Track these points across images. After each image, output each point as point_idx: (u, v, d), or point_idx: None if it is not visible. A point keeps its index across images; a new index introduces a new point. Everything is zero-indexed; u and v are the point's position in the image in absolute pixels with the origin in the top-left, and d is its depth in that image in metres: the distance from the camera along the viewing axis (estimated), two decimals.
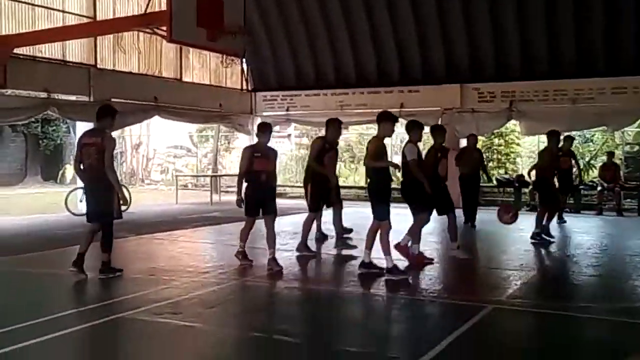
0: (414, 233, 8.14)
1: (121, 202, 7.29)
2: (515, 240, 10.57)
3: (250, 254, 8.24)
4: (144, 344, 5.19)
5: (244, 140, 20.13)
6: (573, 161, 13.60)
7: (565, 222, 12.77)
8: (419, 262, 8.03)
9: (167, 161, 26.80)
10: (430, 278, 7.65)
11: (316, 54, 18.54)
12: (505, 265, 8.50)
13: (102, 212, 7.16)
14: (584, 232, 11.92)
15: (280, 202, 8.39)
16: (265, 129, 7.97)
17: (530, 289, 7.18)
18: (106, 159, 7.05)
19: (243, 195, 7.89)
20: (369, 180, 7.44)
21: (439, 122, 16.90)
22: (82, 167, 7.31)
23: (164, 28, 9.45)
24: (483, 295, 6.66)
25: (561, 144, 11.61)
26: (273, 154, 8.02)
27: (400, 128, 9.68)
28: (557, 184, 11.54)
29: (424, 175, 7.76)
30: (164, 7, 12.58)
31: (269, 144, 7.96)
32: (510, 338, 5.42)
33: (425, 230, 8.62)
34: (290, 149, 24.98)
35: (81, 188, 14.28)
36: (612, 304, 6.41)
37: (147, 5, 10.68)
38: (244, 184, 7.88)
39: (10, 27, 12.96)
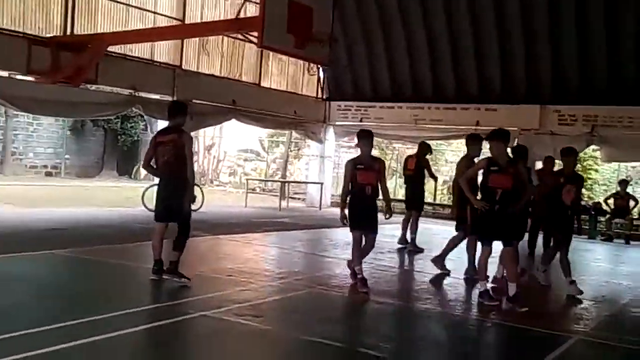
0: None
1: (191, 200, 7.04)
2: (594, 270, 10.26)
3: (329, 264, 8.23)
4: (227, 345, 5.27)
5: (314, 148, 20.27)
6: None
7: None
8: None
9: (236, 164, 27.23)
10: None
11: (393, 66, 18.50)
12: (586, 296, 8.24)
13: (179, 211, 6.86)
14: None
15: None
16: (365, 137, 7.34)
17: (614, 321, 6.94)
18: (187, 156, 6.86)
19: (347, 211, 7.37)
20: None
21: (515, 143, 16.66)
22: (155, 165, 7.03)
23: (255, 33, 9.60)
24: (567, 325, 6.48)
25: None
26: (378, 165, 7.38)
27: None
28: None
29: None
30: (251, 13, 13.13)
31: (372, 154, 7.42)
32: None
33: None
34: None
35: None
36: None
37: (239, 10, 10.91)
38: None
39: (105, 25, 13.51)
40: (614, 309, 7.48)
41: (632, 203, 15.56)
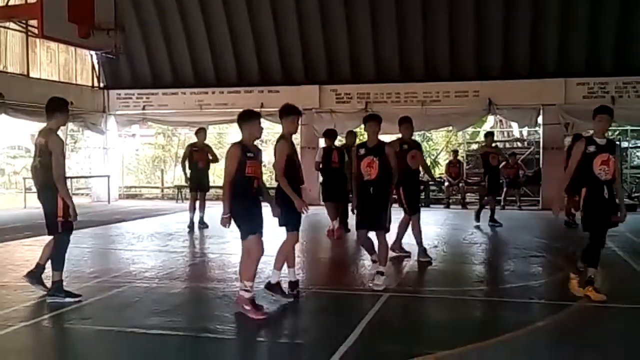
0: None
1: None
2: None
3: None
4: (67, 351, 5.04)
5: (95, 139, 19.33)
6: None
7: None
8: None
9: (5, 162, 24.87)
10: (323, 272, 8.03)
11: (172, 52, 18.28)
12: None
13: None
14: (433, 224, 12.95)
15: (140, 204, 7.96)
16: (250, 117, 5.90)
17: (414, 277, 7.84)
18: None
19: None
20: None
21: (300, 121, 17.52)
22: None
23: (34, 23, 8.94)
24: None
25: None
26: (260, 154, 6.14)
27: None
28: None
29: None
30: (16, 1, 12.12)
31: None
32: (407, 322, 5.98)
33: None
34: (136, 149, 24.37)
35: None
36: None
37: None
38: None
39: None
40: (409, 266, 8.39)
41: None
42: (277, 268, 6.36)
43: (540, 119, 16.52)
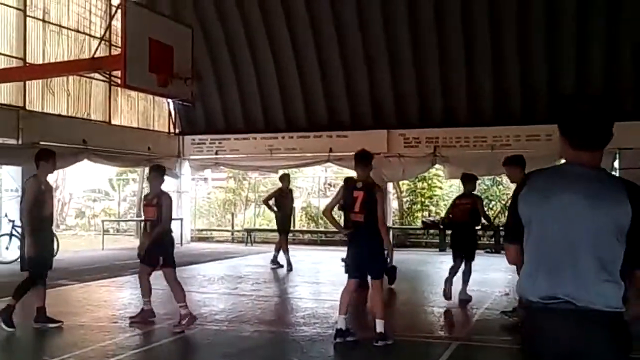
0: None
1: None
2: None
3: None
4: None
5: (170, 183, 19.96)
6: None
7: None
8: None
9: (85, 205, 26.00)
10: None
11: (245, 99, 18.83)
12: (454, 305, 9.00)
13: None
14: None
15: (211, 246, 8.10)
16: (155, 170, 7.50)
17: (485, 325, 7.66)
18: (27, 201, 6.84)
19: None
20: None
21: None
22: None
23: (117, 73, 9.46)
24: (445, 332, 7.08)
25: None
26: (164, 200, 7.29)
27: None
28: None
29: None
30: (103, 52, 12.85)
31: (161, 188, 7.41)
32: None
33: None
34: (208, 193, 25.01)
35: (7, 234, 13.85)
36: None
37: (96, 50, 10.67)
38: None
39: None
40: (481, 314, 8.21)
41: None
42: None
43: (616, 164, 16.01)
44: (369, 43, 17.04)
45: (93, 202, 26.26)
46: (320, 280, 11.14)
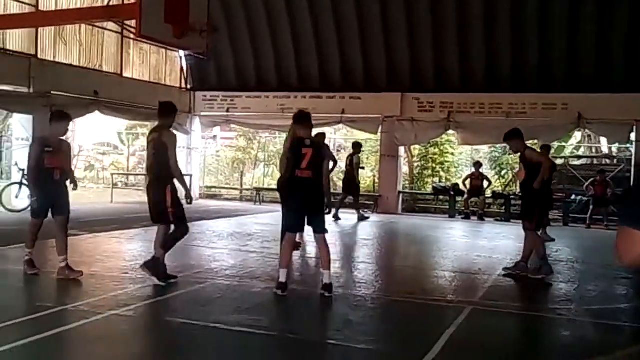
0: None
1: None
2: (464, 246, 11.04)
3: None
4: (160, 341, 5.16)
5: (180, 139, 19.82)
6: None
7: None
8: None
9: (94, 158, 25.96)
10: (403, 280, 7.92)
11: (259, 56, 18.58)
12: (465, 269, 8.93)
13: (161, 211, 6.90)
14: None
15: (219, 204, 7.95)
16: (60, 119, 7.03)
17: (496, 291, 7.59)
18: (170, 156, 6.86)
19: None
20: None
21: (380, 130, 17.45)
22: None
23: (131, 24, 9.26)
24: (459, 296, 7.02)
25: None
26: (67, 147, 7.28)
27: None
28: None
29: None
30: (114, 2, 12.60)
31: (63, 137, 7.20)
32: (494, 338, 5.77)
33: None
34: (217, 151, 24.88)
35: (17, 183, 13.81)
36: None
37: None
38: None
39: None
40: (494, 280, 8.15)
41: (485, 183, 16.90)
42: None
43: (633, 135, 15.79)
44: (387, 6, 16.71)
45: (102, 155, 26.21)
46: (329, 241, 11.07)
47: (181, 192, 7.05)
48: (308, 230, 7.19)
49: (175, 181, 6.94)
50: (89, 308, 5.76)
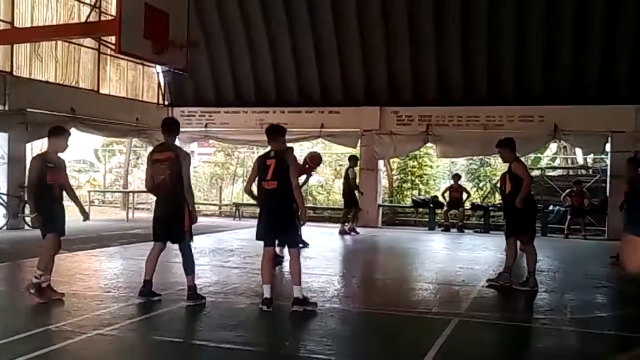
0: None
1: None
2: (445, 258, 11.08)
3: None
4: None
5: None
6: None
7: None
8: None
9: (70, 176, 25.57)
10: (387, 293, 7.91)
11: (236, 71, 18.56)
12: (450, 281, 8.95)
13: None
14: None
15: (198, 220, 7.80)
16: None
17: (482, 302, 7.61)
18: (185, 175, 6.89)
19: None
20: None
21: (359, 144, 17.51)
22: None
23: (108, 41, 9.20)
24: (445, 309, 7.02)
25: None
26: (64, 163, 7.14)
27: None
28: None
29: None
30: (91, 18, 12.49)
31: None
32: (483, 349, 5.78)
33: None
34: (194, 166, 24.71)
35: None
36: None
37: (89, 14, 10.37)
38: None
39: None
40: (478, 291, 8.17)
41: (464, 195, 17.02)
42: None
43: (608, 147, 16.03)
44: (364, 20, 16.83)
45: (78, 172, 25.86)
46: (311, 255, 11.02)
47: None
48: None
49: None
50: (72, 328, 5.65)
